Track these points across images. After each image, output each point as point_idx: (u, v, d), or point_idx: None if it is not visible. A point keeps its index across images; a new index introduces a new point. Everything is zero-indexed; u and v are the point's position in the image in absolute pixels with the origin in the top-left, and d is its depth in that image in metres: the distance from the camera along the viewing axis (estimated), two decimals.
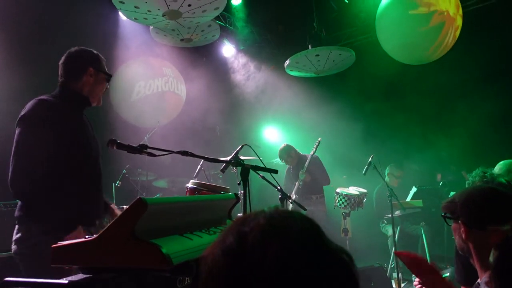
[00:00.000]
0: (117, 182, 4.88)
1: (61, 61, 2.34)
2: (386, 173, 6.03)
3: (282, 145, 5.64)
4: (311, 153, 5.35)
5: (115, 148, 2.08)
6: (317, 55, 5.80)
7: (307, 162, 5.32)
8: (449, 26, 4.83)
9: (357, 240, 5.44)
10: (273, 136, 8.18)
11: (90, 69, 2.30)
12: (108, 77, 2.39)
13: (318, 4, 6.52)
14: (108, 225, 1.15)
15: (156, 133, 5.43)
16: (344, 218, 4.90)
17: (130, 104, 5.97)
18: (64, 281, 1.17)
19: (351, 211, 4.89)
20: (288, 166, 5.72)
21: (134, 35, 6.01)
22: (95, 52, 2.41)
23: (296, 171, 5.48)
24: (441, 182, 5.69)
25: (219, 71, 7.62)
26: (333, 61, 5.99)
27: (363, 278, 3.88)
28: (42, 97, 2.16)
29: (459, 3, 4.99)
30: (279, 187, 2.82)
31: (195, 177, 4.66)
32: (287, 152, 5.52)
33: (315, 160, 5.46)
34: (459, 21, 4.94)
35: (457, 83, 5.93)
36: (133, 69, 6.10)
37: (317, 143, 5.36)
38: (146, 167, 5.04)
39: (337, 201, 4.91)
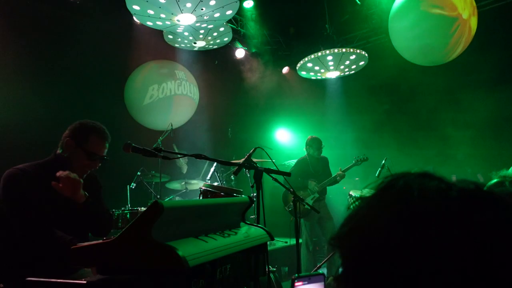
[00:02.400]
0: (132, 184, 4.94)
1: None
2: None
3: (314, 136, 5.52)
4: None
5: (130, 151, 2.12)
6: (329, 57, 5.79)
7: (348, 166, 5.29)
8: (464, 27, 4.78)
9: None
10: (284, 138, 8.19)
11: (68, 140, 2.25)
12: (91, 156, 2.22)
13: (330, 6, 6.51)
14: (126, 227, 1.17)
15: (169, 136, 5.49)
16: None
17: (144, 107, 6.04)
18: (82, 281, 1.20)
19: None
20: (303, 157, 5.56)
21: (147, 39, 6.09)
22: (91, 125, 2.29)
23: (316, 165, 5.39)
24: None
25: (231, 74, 7.66)
26: (346, 63, 5.97)
27: None
28: (16, 166, 2.15)
29: (475, 4, 4.93)
30: (291, 190, 2.82)
31: (208, 180, 4.69)
32: (321, 144, 5.42)
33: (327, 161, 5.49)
34: (474, 21, 4.88)
35: (473, 84, 5.85)
36: (146, 73, 6.18)
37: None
38: (160, 169, 5.09)
39: (350, 203, 4.88)
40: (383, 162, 4.69)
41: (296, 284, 0.92)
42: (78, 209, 2.23)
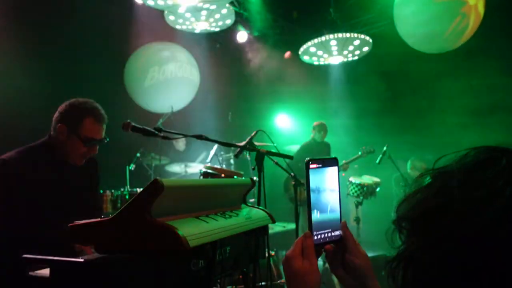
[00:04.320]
0: (131, 165, 4.92)
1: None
2: (408, 167, 5.90)
3: (322, 122, 5.49)
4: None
5: (130, 131, 2.07)
6: (333, 42, 5.71)
7: (353, 158, 5.25)
8: (471, 12, 4.69)
9: (369, 229, 5.42)
10: (284, 123, 8.14)
11: (60, 126, 2.07)
12: (87, 142, 2.06)
13: None
14: (125, 205, 1.14)
15: (169, 118, 5.44)
16: (357, 207, 4.87)
17: (144, 89, 5.98)
18: (80, 259, 1.18)
19: (364, 200, 4.86)
20: (307, 142, 5.54)
21: (148, 20, 5.99)
22: (83, 107, 2.09)
23: (319, 152, 5.37)
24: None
25: (233, 57, 7.57)
26: (349, 48, 5.89)
27: (375, 267, 3.85)
28: (3, 156, 1.99)
29: None
30: (292, 174, 2.80)
31: (208, 162, 4.67)
32: (326, 129, 5.40)
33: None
34: (481, 6, 4.79)
35: (479, 71, 5.77)
36: (147, 54, 6.10)
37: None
38: (159, 152, 5.07)
39: (350, 189, 4.87)
40: (384, 149, 4.67)
41: (311, 166, 0.86)
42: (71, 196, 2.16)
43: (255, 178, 2.49)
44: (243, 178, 2.07)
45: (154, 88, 5.96)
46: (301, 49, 6.09)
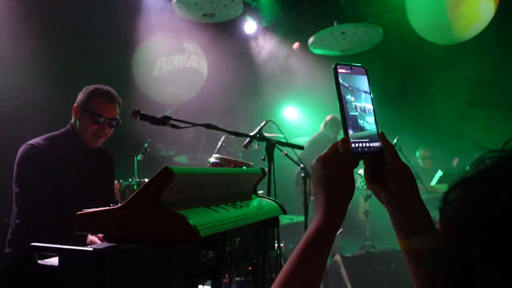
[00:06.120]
0: (139, 155, 4.91)
1: None
2: (417, 156, 5.90)
3: (336, 117, 5.33)
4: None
5: (138, 119, 2.05)
6: (343, 33, 5.62)
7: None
8: (485, 2, 4.58)
9: (378, 222, 5.37)
10: (292, 115, 8.08)
11: (75, 106, 2.19)
12: (95, 118, 2.13)
13: None
14: (134, 193, 1.11)
15: (177, 109, 5.42)
16: (366, 200, 4.82)
17: (152, 79, 5.96)
18: (89, 248, 1.16)
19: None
20: (318, 136, 5.47)
21: (156, 10, 5.94)
22: (95, 87, 2.20)
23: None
24: (468, 167, 5.49)
25: (241, 48, 7.50)
26: (359, 39, 5.80)
27: (383, 260, 3.84)
28: (31, 141, 2.10)
29: None
30: (302, 165, 2.76)
31: (216, 153, 4.64)
32: (340, 128, 5.28)
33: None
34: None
35: (491, 66, 5.65)
36: (155, 45, 6.06)
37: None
38: (167, 143, 5.06)
39: (359, 182, 4.82)
40: (395, 141, 4.60)
41: (340, 70, 0.80)
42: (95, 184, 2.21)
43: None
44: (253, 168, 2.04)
45: (162, 78, 5.94)
46: (310, 40, 6.01)
